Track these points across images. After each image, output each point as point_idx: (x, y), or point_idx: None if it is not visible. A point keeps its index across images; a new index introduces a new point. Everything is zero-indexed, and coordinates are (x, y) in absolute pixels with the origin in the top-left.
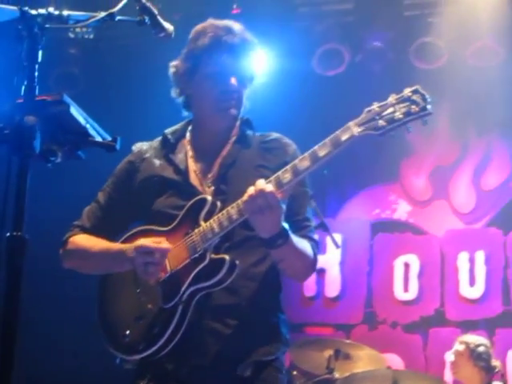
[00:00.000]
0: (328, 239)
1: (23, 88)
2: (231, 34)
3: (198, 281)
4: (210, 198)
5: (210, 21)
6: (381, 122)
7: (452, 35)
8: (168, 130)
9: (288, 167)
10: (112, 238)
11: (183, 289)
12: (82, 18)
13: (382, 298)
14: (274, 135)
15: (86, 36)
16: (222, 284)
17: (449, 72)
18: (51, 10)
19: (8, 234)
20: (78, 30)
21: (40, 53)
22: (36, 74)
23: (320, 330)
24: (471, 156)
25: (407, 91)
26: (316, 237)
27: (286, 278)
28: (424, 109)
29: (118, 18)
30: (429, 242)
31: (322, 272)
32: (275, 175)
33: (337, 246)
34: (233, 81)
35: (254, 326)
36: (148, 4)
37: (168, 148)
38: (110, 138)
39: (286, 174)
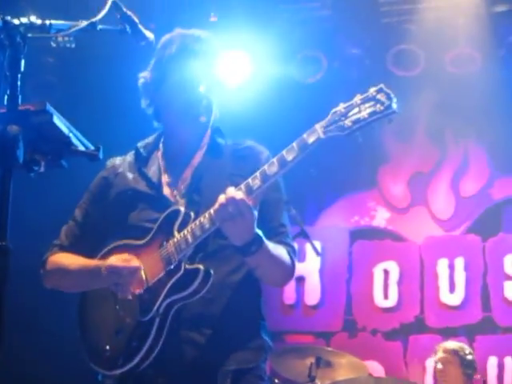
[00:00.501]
0: (308, 247)
1: (5, 98)
2: (198, 41)
3: (174, 292)
4: (182, 209)
5: (178, 30)
6: (347, 123)
7: (429, 42)
8: (140, 144)
9: (257, 173)
10: (91, 254)
11: (159, 301)
12: (63, 27)
13: (362, 305)
14: (247, 143)
15: (68, 45)
16: (198, 294)
17: (426, 78)
18: (33, 19)
19: None
20: (59, 39)
21: (22, 62)
22: (18, 83)
23: (300, 337)
24: (449, 162)
25: (372, 90)
26: (292, 242)
27: (264, 284)
28: (389, 107)
29: (100, 27)
30: (408, 249)
31: (301, 280)
32: (245, 182)
33: (317, 253)
34: (201, 88)
35: (231, 334)
36: (129, 13)
37: (140, 161)
38: (92, 148)
39: (255, 181)
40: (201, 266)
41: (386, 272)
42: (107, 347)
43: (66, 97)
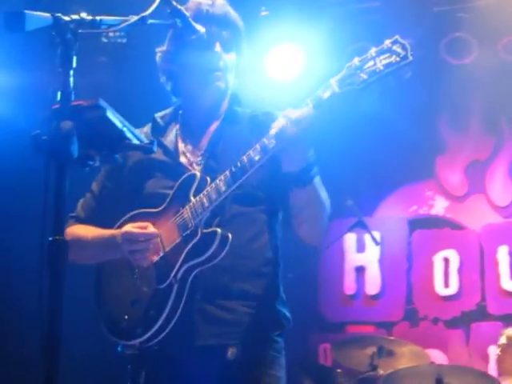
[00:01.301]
0: (367, 237)
1: (59, 94)
2: (213, 6)
3: (191, 257)
4: (198, 173)
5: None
6: (362, 76)
7: (482, 29)
8: (158, 114)
9: (270, 133)
10: (107, 226)
11: (177, 267)
12: (114, 22)
13: (423, 294)
14: (266, 110)
15: (119, 40)
16: (216, 258)
17: (480, 66)
18: (84, 15)
19: (50, 239)
20: (110, 34)
21: (74, 58)
22: (71, 79)
23: (361, 328)
24: (506, 149)
25: (387, 42)
26: None
27: (301, 241)
28: (405, 58)
29: (150, 21)
30: (467, 237)
31: (361, 270)
32: (260, 141)
33: (376, 242)
34: (217, 48)
35: (249, 306)
36: (179, 7)
37: (158, 131)
38: (146, 141)
39: (270, 140)
40: (218, 230)
41: (446, 260)
42: (125, 317)
43: (118, 93)
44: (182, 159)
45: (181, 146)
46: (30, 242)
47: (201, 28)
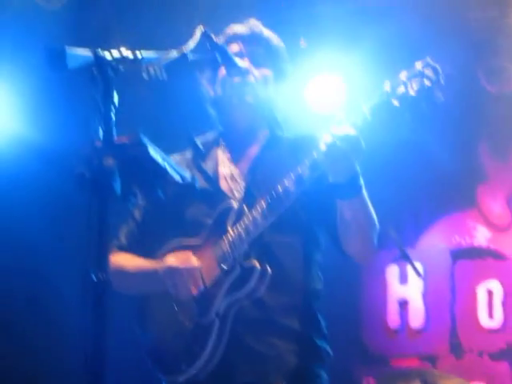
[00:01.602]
0: (409, 269)
1: (100, 131)
2: (246, 26)
3: (231, 292)
4: (235, 204)
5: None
6: (394, 102)
7: None
8: (198, 139)
9: (306, 160)
10: (149, 253)
11: (217, 302)
12: (154, 58)
13: (467, 326)
14: (306, 133)
15: (160, 76)
16: (255, 293)
17: None
18: (124, 51)
19: (93, 277)
20: (151, 70)
21: (115, 95)
22: (112, 116)
23: (405, 361)
24: None
25: (418, 65)
26: None
27: (350, 259)
28: (437, 82)
29: (191, 57)
30: (511, 267)
31: (404, 303)
32: (296, 169)
33: (419, 275)
34: (244, 62)
35: (291, 341)
36: (219, 42)
37: (198, 157)
38: (188, 177)
39: (304, 167)
40: (256, 263)
41: (490, 291)
42: (169, 353)
43: (160, 126)
44: (223, 185)
45: (221, 171)
46: (72, 279)
47: (243, 63)
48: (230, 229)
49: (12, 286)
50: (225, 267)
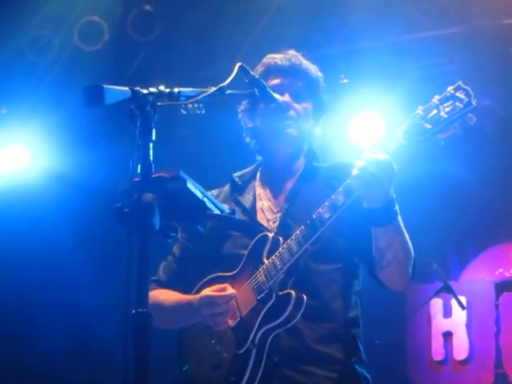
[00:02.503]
0: (453, 302)
1: (139, 166)
2: (285, 58)
3: (267, 321)
4: (270, 234)
5: (269, 55)
6: (426, 125)
7: None
8: (236, 174)
9: (340, 188)
10: (189, 289)
11: (254, 331)
12: (192, 93)
13: None
14: (342, 162)
15: (198, 112)
16: (291, 321)
17: None
18: (162, 87)
19: (133, 311)
20: (189, 106)
21: (153, 131)
22: (151, 151)
23: None
24: None
25: (450, 89)
26: None
27: (385, 288)
28: (468, 104)
29: (228, 91)
30: None
31: (449, 335)
32: (329, 198)
33: (462, 307)
34: (286, 97)
35: (329, 369)
36: (256, 76)
37: (236, 190)
38: (227, 211)
39: (339, 196)
40: (292, 292)
41: None
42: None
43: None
44: (260, 217)
45: (259, 203)
46: (113, 315)
47: (279, 97)
48: (265, 259)
49: (53, 321)
50: (261, 296)
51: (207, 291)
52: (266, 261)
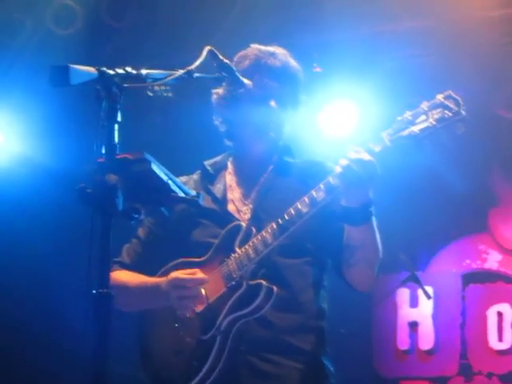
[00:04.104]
0: (420, 292)
1: (104, 148)
2: (273, 57)
3: (236, 309)
4: (244, 224)
5: (254, 46)
6: (413, 130)
7: None
8: (207, 162)
9: (321, 185)
10: (152, 273)
11: (220, 318)
12: (159, 76)
13: (477, 348)
14: (316, 160)
15: (165, 94)
16: (260, 311)
17: None
18: (129, 69)
19: (94, 292)
20: (156, 88)
21: (119, 112)
22: (116, 133)
23: (416, 383)
24: None
25: (439, 96)
26: None
27: (352, 289)
28: (458, 113)
29: (196, 75)
30: None
31: (415, 325)
32: (309, 193)
33: (428, 296)
34: (272, 103)
35: (296, 360)
36: (225, 60)
37: (207, 179)
38: (192, 193)
39: (319, 193)
40: (263, 282)
41: (500, 314)
42: (168, 367)
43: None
44: (230, 207)
45: (229, 194)
46: (74, 294)
47: (248, 82)
48: (237, 248)
49: (16, 299)
50: (231, 284)
51: (177, 273)
52: (238, 250)
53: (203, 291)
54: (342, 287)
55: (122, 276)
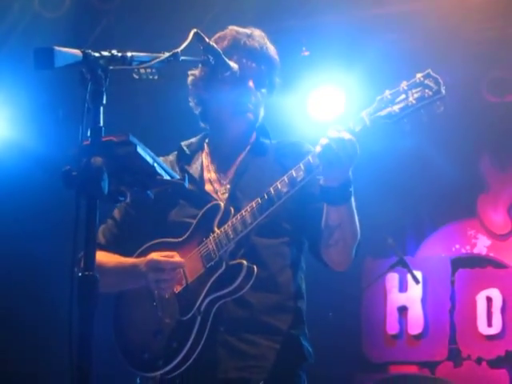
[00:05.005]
0: (409, 277)
1: (89, 130)
2: (251, 38)
3: (216, 289)
4: (222, 204)
5: (231, 27)
6: (393, 109)
7: None
8: (184, 142)
9: (301, 164)
10: (128, 254)
11: (200, 299)
12: (145, 59)
13: (466, 333)
14: (292, 140)
15: (151, 77)
16: (241, 291)
17: None
18: (114, 51)
19: (80, 274)
20: (142, 71)
21: (104, 95)
22: (101, 116)
23: (404, 368)
24: None
25: (419, 76)
26: None
27: (328, 267)
28: (437, 92)
29: (182, 58)
30: (510, 276)
31: (404, 309)
32: (288, 173)
33: (417, 281)
34: (250, 83)
35: (273, 340)
36: (212, 43)
37: (183, 159)
38: (177, 177)
39: (299, 172)
40: (244, 262)
41: (489, 299)
42: (146, 349)
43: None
44: (208, 188)
45: (206, 174)
46: (60, 276)
47: (234, 65)
48: (216, 228)
49: (3, 280)
50: (210, 264)
51: (155, 255)
52: (216, 230)
53: (182, 271)
54: (331, 271)
55: (97, 256)
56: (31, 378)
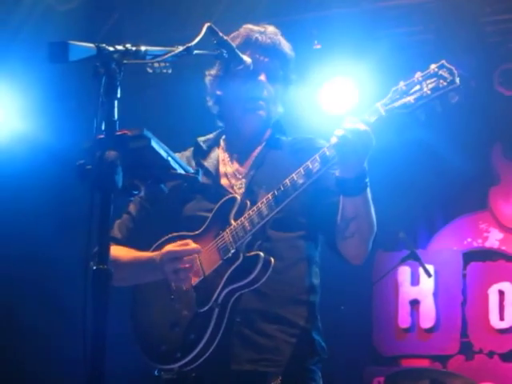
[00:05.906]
0: (421, 270)
1: (103, 124)
2: (263, 34)
3: (233, 281)
4: (238, 197)
5: (245, 25)
6: (408, 100)
7: None
8: (200, 138)
9: (317, 156)
10: (144, 249)
11: (218, 291)
12: (159, 52)
13: (478, 327)
14: (306, 136)
15: (164, 71)
16: (258, 282)
17: None
18: (128, 45)
19: (94, 268)
20: (155, 65)
21: (119, 88)
22: (115, 110)
23: (416, 361)
24: None
25: (433, 66)
26: None
27: (343, 261)
28: (452, 82)
29: (196, 51)
30: None
31: (416, 303)
32: (304, 165)
33: (428, 274)
34: (262, 77)
35: (287, 332)
36: (225, 37)
37: (200, 154)
38: (191, 170)
39: (315, 163)
40: (261, 253)
41: (501, 293)
42: (164, 341)
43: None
44: (223, 182)
45: (222, 168)
46: (72, 271)
47: (247, 59)
48: (232, 221)
49: (16, 275)
50: (227, 256)
51: (170, 247)
52: (233, 222)
53: (198, 263)
54: (343, 264)
55: (113, 251)
56: (43, 375)
